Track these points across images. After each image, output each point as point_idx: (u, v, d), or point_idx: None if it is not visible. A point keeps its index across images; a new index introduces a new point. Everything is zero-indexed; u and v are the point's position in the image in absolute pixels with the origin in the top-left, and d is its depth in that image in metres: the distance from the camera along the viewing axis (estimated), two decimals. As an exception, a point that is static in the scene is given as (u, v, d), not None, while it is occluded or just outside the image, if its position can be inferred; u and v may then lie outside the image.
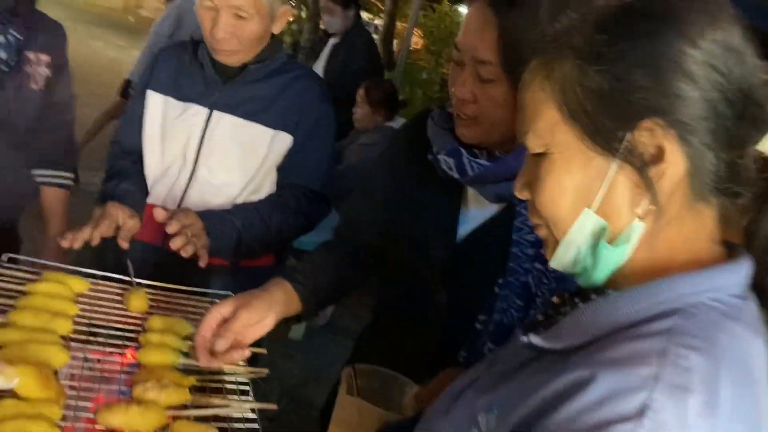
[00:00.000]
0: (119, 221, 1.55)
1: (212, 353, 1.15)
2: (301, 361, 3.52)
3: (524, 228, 1.17)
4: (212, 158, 1.68)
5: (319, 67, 4.30)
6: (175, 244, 1.47)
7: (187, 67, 1.71)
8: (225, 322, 1.16)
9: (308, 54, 5.32)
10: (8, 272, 1.36)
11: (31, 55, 1.73)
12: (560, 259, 0.73)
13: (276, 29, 1.68)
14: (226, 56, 1.64)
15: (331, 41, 4.35)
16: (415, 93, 8.74)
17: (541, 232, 0.76)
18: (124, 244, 1.54)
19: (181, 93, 1.70)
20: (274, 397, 3.13)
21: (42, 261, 1.49)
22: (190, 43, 1.72)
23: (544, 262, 0.94)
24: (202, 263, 1.52)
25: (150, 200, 1.73)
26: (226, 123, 1.67)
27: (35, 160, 1.89)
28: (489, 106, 1.14)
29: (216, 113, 1.68)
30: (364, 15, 11.54)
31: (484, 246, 1.24)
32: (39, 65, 1.76)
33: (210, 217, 1.58)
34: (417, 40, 11.88)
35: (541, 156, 0.72)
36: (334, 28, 4.24)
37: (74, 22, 11.16)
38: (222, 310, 1.17)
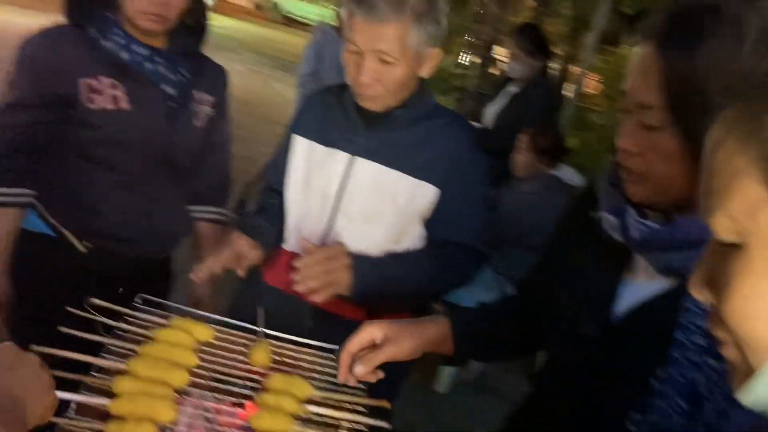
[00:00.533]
0: (241, 252, 1.56)
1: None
2: (440, 417, 3.32)
3: (696, 311, 0.93)
4: (352, 205, 1.60)
5: (491, 112, 4.14)
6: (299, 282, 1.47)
7: (332, 111, 1.66)
8: (373, 346, 1.20)
9: (477, 99, 5.19)
10: (140, 314, 1.34)
11: (196, 94, 1.81)
12: (757, 396, 0.52)
13: (424, 73, 1.57)
14: (370, 102, 1.56)
15: (511, 89, 4.15)
16: (586, 139, 8.34)
17: (728, 352, 0.55)
18: (241, 273, 1.57)
19: (326, 138, 1.65)
20: None
21: (173, 304, 1.47)
22: (337, 87, 1.66)
23: (719, 357, 0.76)
24: (318, 299, 1.49)
25: (288, 246, 1.68)
26: (367, 170, 1.59)
27: (193, 195, 1.95)
28: (656, 159, 0.96)
29: (358, 159, 1.60)
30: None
31: (646, 327, 1.03)
32: (202, 104, 1.83)
33: (358, 258, 1.53)
34: (595, 85, 11.44)
35: (733, 247, 0.52)
36: (517, 75, 4.03)
37: (261, 65, 12.03)
38: (374, 334, 1.20)
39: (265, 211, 1.74)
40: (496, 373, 3.67)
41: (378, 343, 1.19)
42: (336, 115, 1.64)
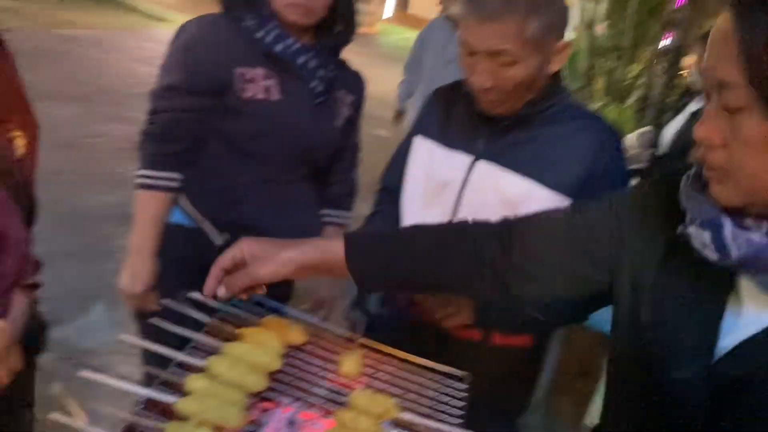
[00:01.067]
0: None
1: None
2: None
3: None
4: (471, 214, 1.45)
5: (668, 134, 3.76)
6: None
7: (454, 110, 1.52)
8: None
9: (660, 110, 4.74)
10: (237, 310, 1.30)
11: (339, 93, 1.83)
12: None
13: (554, 67, 1.39)
14: (490, 105, 1.41)
15: (692, 106, 3.73)
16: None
17: None
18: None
19: (447, 139, 1.52)
20: None
21: (272, 302, 1.41)
22: (461, 83, 1.53)
23: None
24: (446, 324, 1.38)
25: None
26: (488, 174, 1.44)
27: (323, 197, 1.94)
28: (741, 149, 0.75)
29: (480, 163, 1.45)
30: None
31: (763, 367, 0.81)
32: (344, 104, 1.85)
33: None
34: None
35: None
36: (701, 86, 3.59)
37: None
38: (243, 249, 1.14)
39: (378, 215, 1.67)
40: (563, 400, 3.31)
41: (247, 260, 1.11)
42: (458, 114, 1.51)
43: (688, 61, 5.04)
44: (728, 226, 0.81)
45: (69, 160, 4.73)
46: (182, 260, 1.75)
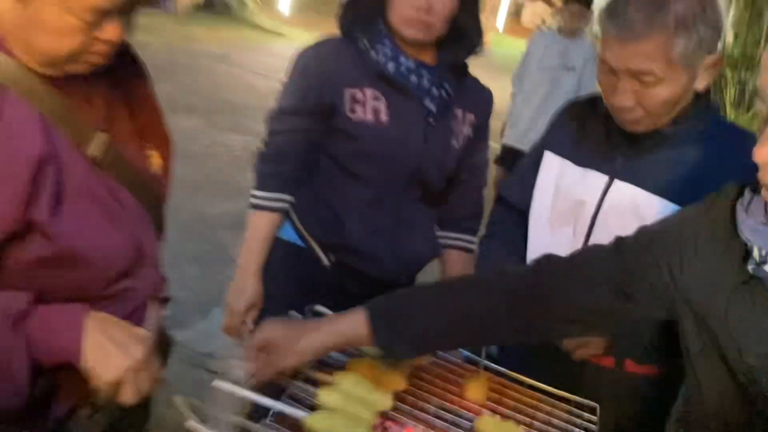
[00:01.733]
0: None
1: None
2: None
3: None
4: (607, 236, 1.36)
5: None
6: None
7: (588, 126, 1.44)
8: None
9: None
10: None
11: (458, 112, 1.73)
12: None
13: (700, 85, 1.28)
14: (631, 125, 1.32)
15: None
16: None
17: None
18: None
19: (580, 156, 1.44)
20: None
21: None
22: (595, 98, 1.45)
23: None
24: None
25: None
26: (627, 195, 1.34)
27: (444, 220, 1.86)
28: None
29: (617, 183, 1.37)
30: None
31: None
32: (464, 124, 1.74)
33: None
34: None
35: None
36: None
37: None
38: (271, 334, 1.11)
39: (497, 237, 1.60)
40: None
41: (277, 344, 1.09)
42: (593, 131, 1.43)
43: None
44: None
45: (191, 169, 4.96)
46: (290, 276, 1.73)
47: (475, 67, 1.79)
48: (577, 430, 1.18)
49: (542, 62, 4.32)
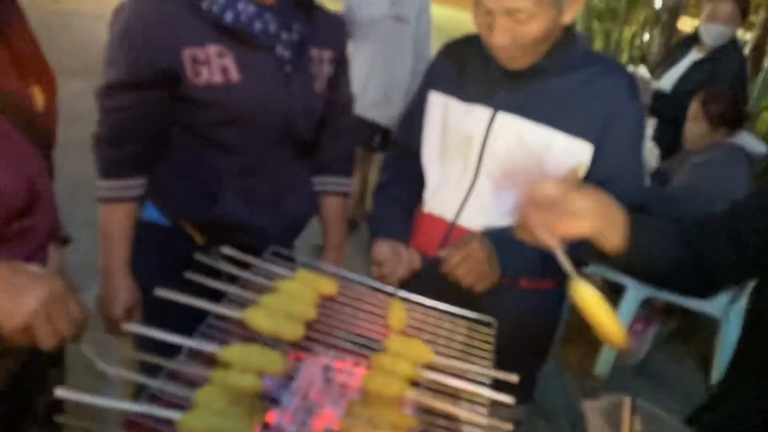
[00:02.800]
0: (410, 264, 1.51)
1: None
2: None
3: None
4: (495, 166, 1.47)
5: (670, 77, 3.74)
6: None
7: (470, 63, 1.52)
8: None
9: (655, 63, 4.70)
10: (267, 266, 1.32)
11: (314, 51, 1.56)
12: None
13: (567, 19, 1.37)
14: (509, 62, 1.40)
15: (694, 54, 3.69)
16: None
17: None
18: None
19: (464, 93, 1.51)
20: None
21: (304, 258, 1.44)
22: (475, 36, 1.52)
23: None
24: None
25: (427, 210, 1.59)
26: (511, 125, 1.44)
27: (317, 165, 1.74)
28: None
29: (501, 115, 1.45)
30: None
31: None
32: (322, 63, 1.59)
33: (501, 242, 1.40)
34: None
35: None
36: (710, 39, 3.56)
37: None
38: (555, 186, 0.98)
39: (399, 180, 1.63)
40: (661, 360, 3.36)
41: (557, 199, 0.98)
42: (475, 67, 1.50)
43: (684, 21, 4.95)
44: None
45: (76, 129, 4.72)
46: (162, 259, 1.54)
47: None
48: (477, 342, 1.27)
49: (371, 12, 3.71)
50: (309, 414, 1.11)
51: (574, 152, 1.41)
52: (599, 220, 1.01)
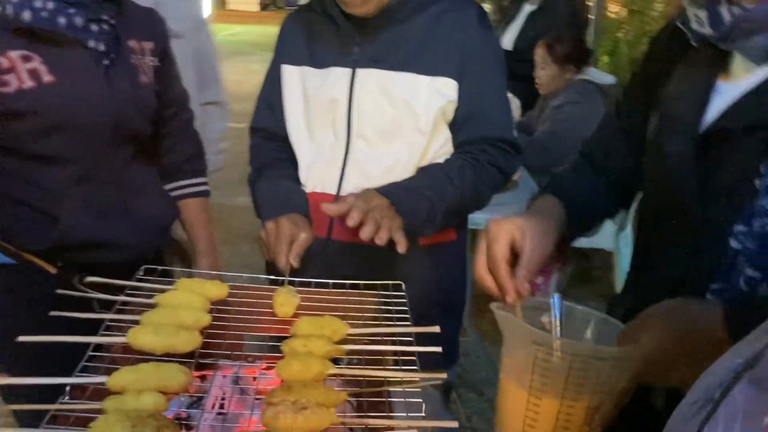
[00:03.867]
0: (292, 237, 1.31)
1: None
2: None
3: None
4: (365, 124, 1.39)
5: (509, 38, 3.86)
6: (364, 233, 1.19)
7: (317, 28, 1.45)
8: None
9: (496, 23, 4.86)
10: (143, 285, 1.18)
11: (132, 43, 1.45)
12: None
13: None
14: (356, 8, 1.34)
15: (527, 7, 3.85)
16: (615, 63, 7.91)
17: None
18: (296, 263, 1.28)
19: (318, 59, 1.44)
20: (461, 405, 2.82)
21: (182, 269, 1.31)
22: (314, 2, 1.46)
23: None
24: (401, 248, 1.23)
25: (308, 189, 1.48)
26: (373, 80, 1.38)
27: (168, 170, 1.63)
28: None
29: (360, 71, 1.39)
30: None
31: (745, 126, 0.87)
32: (144, 55, 1.48)
33: (394, 193, 1.30)
34: (616, 9, 10.91)
35: None
36: None
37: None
38: (512, 233, 0.97)
39: (281, 168, 1.50)
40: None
41: (519, 243, 0.97)
42: (323, 30, 1.44)
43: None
44: (722, 2, 0.88)
45: None
46: (14, 303, 1.40)
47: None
48: (390, 307, 1.19)
49: None
50: (229, 426, 1.00)
51: (440, 91, 1.37)
52: (543, 252, 1.00)
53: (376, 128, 1.39)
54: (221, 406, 1.06)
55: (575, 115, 2.91)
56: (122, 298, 1.12)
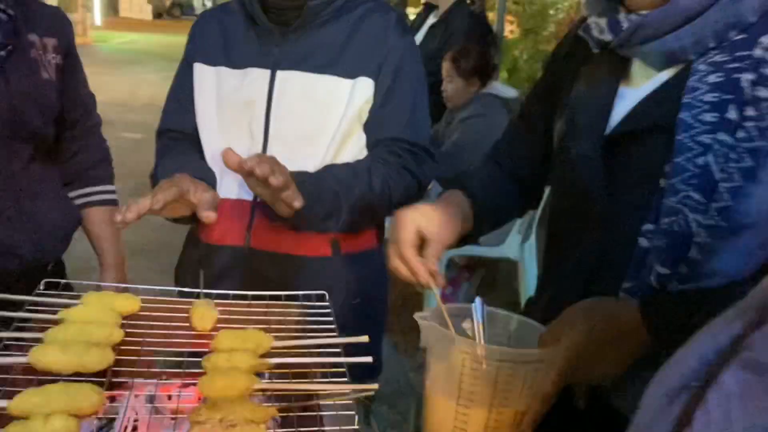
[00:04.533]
0: (189, 192, 1.19)
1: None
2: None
3: (701, 87, 0.86)
4: (284, 127, 1.34)
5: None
6: (261, 169, 1.09)
7: (233, 27, 1.40)
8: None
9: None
10: (45, 300, 1.08)
11: (33, 38, 1.39)
12: None
13: None
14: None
15: (430, 19, 3.90)
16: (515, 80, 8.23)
17: None
18: (212, 216, 1.18)
19: (235, 59, 1.38)
20: (410, 424, 2.79)
21: (86, 282, 1.21)
22: (231, 4, 1.41)
23: (732, 129, 0.82)
24: (298, 203, 1.16)
25: (221, 195, 1.38)
26: (294, 82, 1.34)
27: (72, 177, 1.55)
28: None
29: (281, 73, 1.35)
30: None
31: (647, 128, 0.92)
32: (47, 51, 1.41)
33: (300, 175, 1.23)
34: (512, 29, 11.36)
35: None
36: (444, 2, 3.72)
37: (171, 70, 11.54)
38: (418, 222, 1.00)
39: (189, 152, 1.41)
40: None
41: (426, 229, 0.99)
42: (240, 31, 1.39)
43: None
44: (621, 11, 0.93)
45: None
46: None
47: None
48: (314, 317, 1.15)
49: None
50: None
51: (360, 92, 1.34)
52: (449, 235, 1.03)
53: (296, 131, 1.35)
54: (134, 429, 0.99)
55: (482, 127, 2.97)
56: (21, 314, 1.02)
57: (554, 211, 1.13)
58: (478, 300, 0.94)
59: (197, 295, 1.18)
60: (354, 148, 1.37)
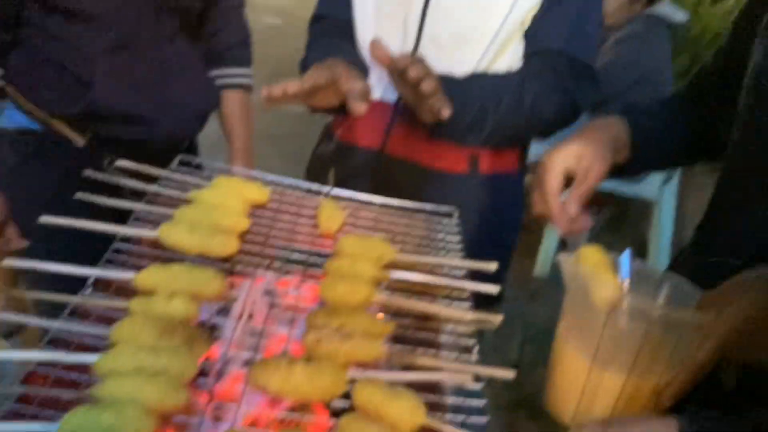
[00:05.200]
0: (341, 78, 1.10)
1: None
2: (549, 301, 3.02)
3: None
4: (440, 28, 1.23)
5: None
6: (413, 71, 1.03)
7: None
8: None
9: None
10: (178, 177, 1.08)
11: None
12: None
13: None
14: None
15: None
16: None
17: None
18: (361, 108, 1.08)
19: None
20: (514, 351, 2.74)
21: (220, 165, 1.21)
22: None
23: None
24: (446, 111, 1.06)
25: None
26: None
27: (212, 56, 1.52)
28: None
29: None
30: None
31: None
32: None
33: (446, 80, 1.13)
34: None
35: None
36: None
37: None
38: (568, 162, 0.92)
39: (343, 39, 1.32)
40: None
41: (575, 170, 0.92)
42: None
43: None
44: None
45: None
46: (36, 173, 1.34)
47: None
48: (441, 235, 1.10)
49: None
50: (258, 340, 0.91)
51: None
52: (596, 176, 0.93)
53: (451, 34, 1.23)
54: (249, 317, 0.99)
55: (638, 50, 2.69)
56: (155, 188, 1.03)
57: (730, 162, 0.98)
58: (626, 252, 0.84)
59: (325, 194, 1.15)
60: (511, 59, 1.24)
